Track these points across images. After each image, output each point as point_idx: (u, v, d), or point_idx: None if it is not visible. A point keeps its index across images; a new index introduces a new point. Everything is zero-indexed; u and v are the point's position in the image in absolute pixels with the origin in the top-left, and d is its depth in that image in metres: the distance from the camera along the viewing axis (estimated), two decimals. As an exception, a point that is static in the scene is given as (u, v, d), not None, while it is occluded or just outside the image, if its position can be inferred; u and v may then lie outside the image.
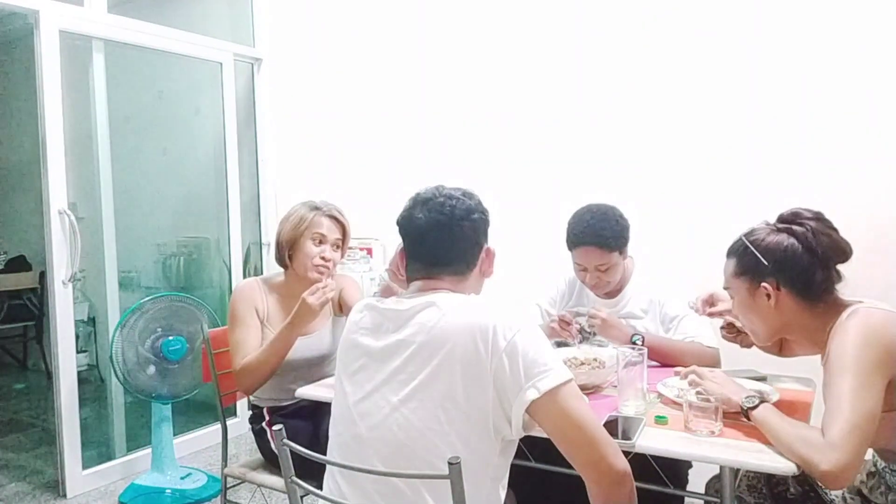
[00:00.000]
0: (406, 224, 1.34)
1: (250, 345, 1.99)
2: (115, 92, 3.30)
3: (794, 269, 1.39)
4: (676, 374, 1.64)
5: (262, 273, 3.79)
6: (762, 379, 1.74)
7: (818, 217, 1.43)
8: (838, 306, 1.39)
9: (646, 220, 2.70)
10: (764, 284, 1.41)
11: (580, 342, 2.06)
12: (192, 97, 3.84)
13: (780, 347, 1.70)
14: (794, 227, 1.41)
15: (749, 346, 1.73)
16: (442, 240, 1.30)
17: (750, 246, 1.44)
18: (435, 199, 1.31)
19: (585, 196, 2.11)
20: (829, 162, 2.47)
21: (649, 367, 1.60)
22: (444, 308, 1.21)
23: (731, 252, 1.51)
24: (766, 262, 1.41)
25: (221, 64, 3.57)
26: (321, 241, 2.05)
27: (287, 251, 2.06)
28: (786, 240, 1.40)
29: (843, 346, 1.30)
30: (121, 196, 3.34)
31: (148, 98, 3.90)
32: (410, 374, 1.20)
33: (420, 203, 1.33)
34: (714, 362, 1.89)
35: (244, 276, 3.69)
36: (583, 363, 1.78)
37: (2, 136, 5.26)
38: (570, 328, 1.99)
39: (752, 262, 1.44)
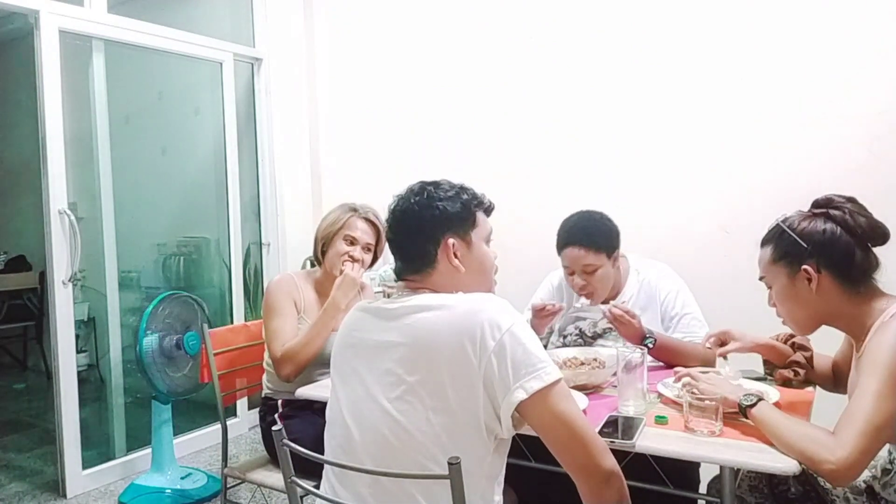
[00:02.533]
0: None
1: (288, 333, 2.03)
2: (115, 92, 3.29)
3: (835, 250, 1.37)
4: (676, 374, 1.64)
5: (262, 273, 3.80)
6: (762, 379, 1.74)
7: (852, 199, 1.42)
8: (879, 297, 1.37)
9: (645, 218, 2.70)
10: (805, 267, 1.39)
11: (580, 345, 2.06)
12: (192, 97, 3.84)
13: (835, 381, 1.67)
14: (831, 211, 1.40)
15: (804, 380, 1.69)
16: (397, 245, 1.35)
17: (787, 230, 1.42)
18: (390, 207, 1.36)
19: (586, 195, 2.12)
20: (823, 161, 2.47)
21: (651, 367, 1.59)
22: (432, 309, 1.21)
23: (767, 240, 1.48)
24: (805, 245, 1.39)
25: (221, 64, 3.57)
26: (352, 242, 2.11)
27: (321, 248, 2.14)
28: (824, 223, 1.39)
29: (880, 347, 1.28)
30: (121, 196, 3.34)
31: (148, 98, 3.89)
32: (399, 376, 1.19)
33: (389, 209, 1.38)
34: (712, 364, 1.88)
35: (244, 277, 3.69)
36: (583, 363, 1.77)
37: (2, 136, 5.26)
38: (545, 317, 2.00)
39: (790, 246, 1.41)
